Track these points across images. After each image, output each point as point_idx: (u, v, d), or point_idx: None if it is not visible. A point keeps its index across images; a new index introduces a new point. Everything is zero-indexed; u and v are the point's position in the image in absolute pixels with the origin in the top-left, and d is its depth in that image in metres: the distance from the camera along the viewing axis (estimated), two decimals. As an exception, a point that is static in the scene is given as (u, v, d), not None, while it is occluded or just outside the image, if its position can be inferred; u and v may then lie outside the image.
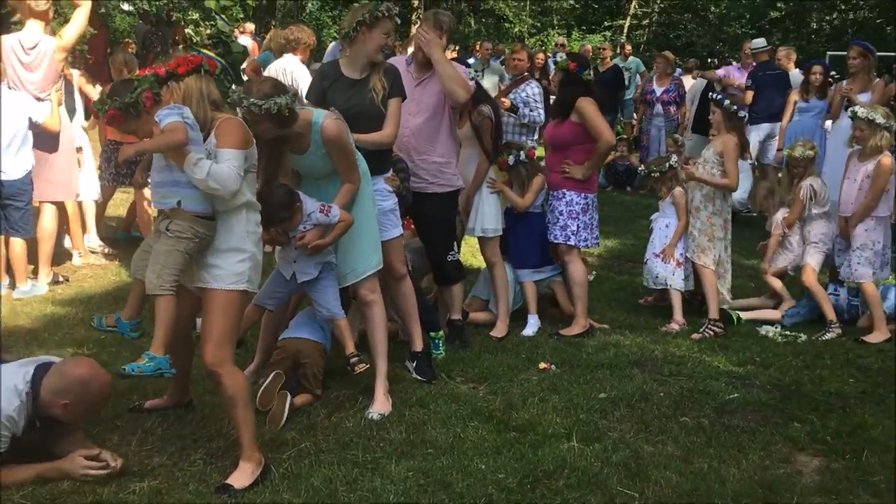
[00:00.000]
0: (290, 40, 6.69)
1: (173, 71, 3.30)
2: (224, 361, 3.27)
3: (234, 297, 3.30)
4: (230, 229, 3.30)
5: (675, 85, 11.11)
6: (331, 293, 4.07)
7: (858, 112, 5.46)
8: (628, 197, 10.83)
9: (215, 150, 3.23)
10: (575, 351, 4.99)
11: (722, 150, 5.48)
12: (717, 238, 5.56)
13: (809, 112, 8.51)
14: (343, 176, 3.94)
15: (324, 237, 3.90)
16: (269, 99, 3.53)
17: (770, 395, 4.40)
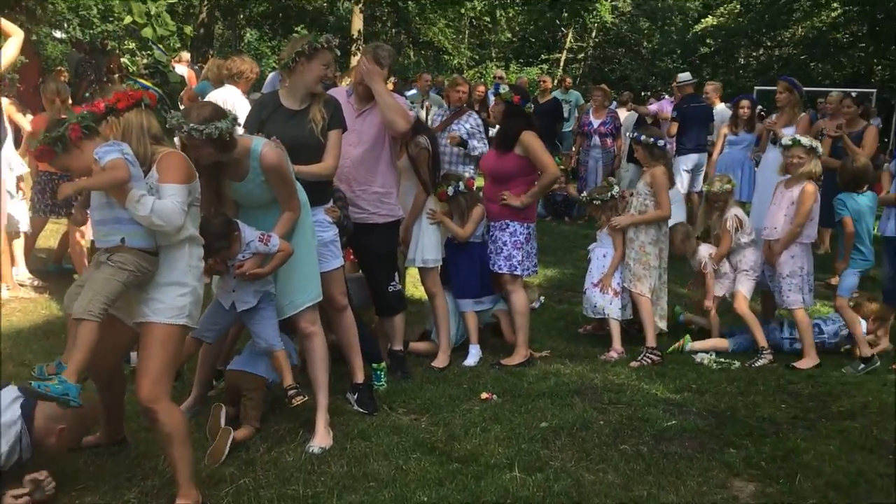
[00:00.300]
0: (233, 72, 6.61)
1: (113, 106, 3.25)
2: (160, 398, 3.19)
3: (173, 331, 3.23)
4: (172, 263, 3.25)
5: (612, 117, 11.37)
6: (269, 324, 4.02)
7: (802, 139, 5.63)
8: (567, 227, 10.99)
9: (157, 186, 3.18)
10: (516, 380, 5.01)
11: (651, 182, 5.62)
12: (653, 267, 5.67)
13: (738, 145, 8.82)
14: (283, 204, 3.91)
15: (263, 266, 3.86)
16: (210, 123, 3.50)
17: (706, 422, 4.48)
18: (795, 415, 4.66)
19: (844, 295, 5.65)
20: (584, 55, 33.55)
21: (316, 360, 4.11)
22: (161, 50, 7.16)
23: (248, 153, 3.76)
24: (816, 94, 16.28)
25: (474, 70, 29.93)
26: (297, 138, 4.12)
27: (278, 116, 4.25)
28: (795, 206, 5.53)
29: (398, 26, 27.79)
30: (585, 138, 11.35)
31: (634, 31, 33.88)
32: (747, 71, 29.46)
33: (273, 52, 27.77)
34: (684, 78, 10.65)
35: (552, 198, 11.47)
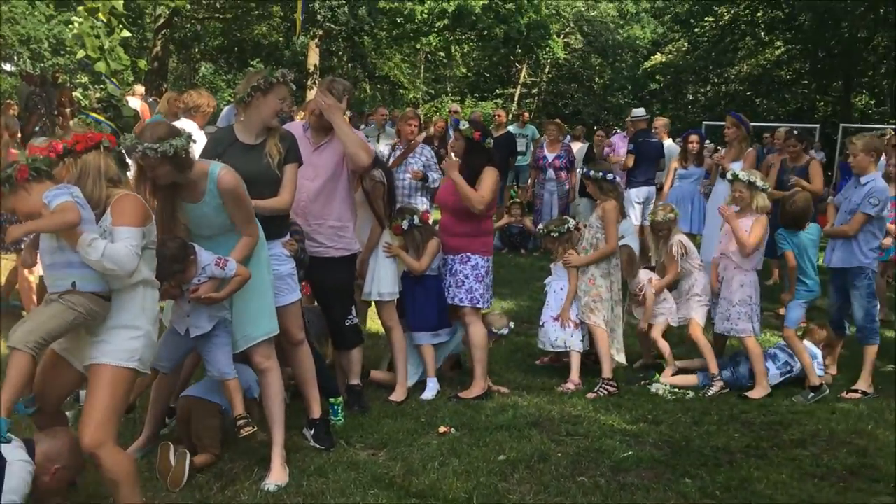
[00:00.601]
0: (189, 106, 6.58)
1: (71, 148, 3.21)
2: (105, 442, 3.11)
3: (122, 374, 3.17)
4: (123, 306, 3.20)
5: (566, 151, 11.54)
6: (222, 352, 3.96)
7: (740, 175, 5.75)
8: (523, 259, 11.07)
9: (111, 228, 3.14)
10: (474, 413, 5.01)
11: (602, 216, 5.72)
12: (604, 299, 5.73)
13: (688, 178, 9.02)
14: (241, 228, 3.88)
15: (219, 291, 3.81)
16: (165, 141, 3.47)
17: (662, 452, 4.53)
18: (748, 444, 4.73)
19: (791, 326, 5.78)
20: (537, 90, 34.09)
21: (271, 396, 4.07)
22: (114, 84, 7.10)
23: (206, 175, 3.74)
24: (762, 129, 16.75)
25: (430, 104, 30.20)
26: (254, 172, 4.11)
27: (234, 151, 4.23)
28: (752, 230, 5.63)
29: (354, 61, 27.96)
30: (540, 172, 11.49)
31: (586, 67, 34.56)
32: (696, 106, 30.23)
33: (228, 85, 27.69)
34: (639, 113, 10.90)
35: (508, 230, 11.58)
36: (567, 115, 29.06)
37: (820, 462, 4.46)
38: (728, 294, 5.71)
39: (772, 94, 28.55)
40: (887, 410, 5.33)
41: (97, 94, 6.85)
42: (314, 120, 4.82)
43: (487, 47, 30.86)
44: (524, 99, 32.92)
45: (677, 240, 5.98)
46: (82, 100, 6.80)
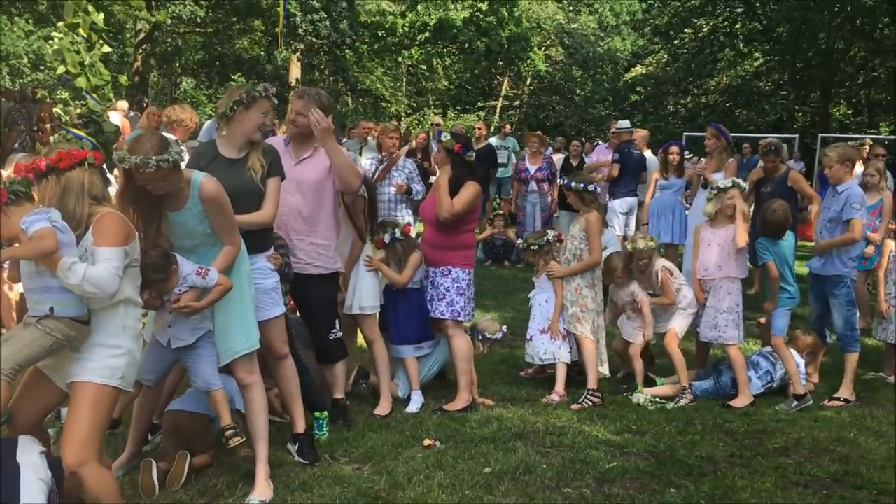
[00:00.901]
0: (171, 119, 6.59)
1: (54, 165, 3.18)
2: (88, 461, 3.08)
3: (104, 392, 3.14)
4: (102, 324, 3.18)
5: (548, 163, 11.59)
6: (206, 362, 3.93)
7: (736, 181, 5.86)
8: (506, 271, 11.09)
9: (92, 249, 3.12)
10: (459, 426, 5.00)
11: (585, 227, 5.75)
12: (590, 309, 5.76)
13: (669, 189, 9.09)
14: (223, 237, 3.86)
15: (200, 301, 3.80)
16: (168, 152, 3.47)
17: (647, 462, 4.54)
18: (732, 453, 4.75)
19: (779, 334, 5.81)
20: (519, 102, 34.26)
21: (255, 411, 4.05)
22: (95, 99, 7.07)
23: (189, 183, 3.73)
24: (741, 140, 16.91)
25: (412, 117, 30.26)
26: (237, 186, 4.09)
27: (217, 165, 4.22)
28: (733, 242, 5.70)
29: (336, 74, 27.98)
30: (522, 184, 11.53)
31: (568, 80, 34.80)
32: (676, 118, 30.48)
33: (210, 100, 27.63)
34: (624, 125, 10.97)
35: (492, 242, 11.60)
36: (549, 126, 29.24)
37: (803, 470, 4.49)
38: (715, 302, 5.74)
39: (751, 104, 28.84)
40: (869, 418, 5.37)
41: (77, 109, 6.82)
42: (295, 132, 4.82)
43: (469, 60, 31.02)
44: (506, 111, 33.07)
45: (661, 265, 5.97)
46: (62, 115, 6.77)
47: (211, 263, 3.82)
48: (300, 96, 4.81)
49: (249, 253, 4.10)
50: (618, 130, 10.92)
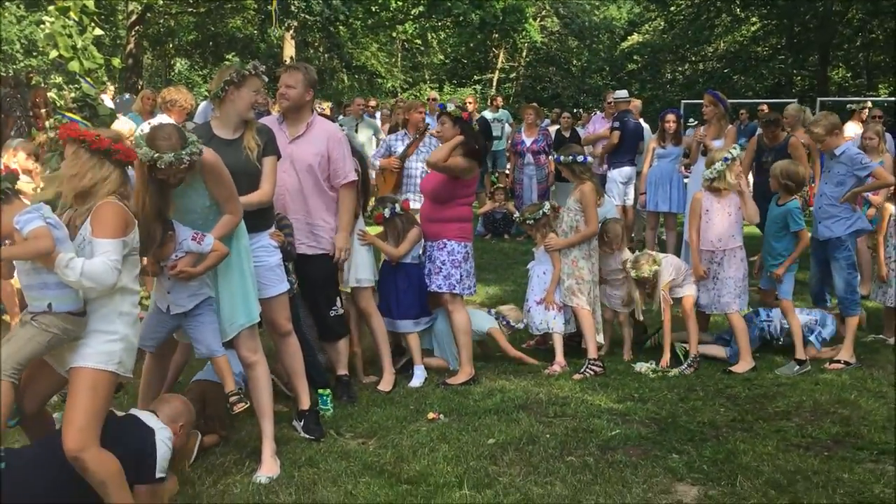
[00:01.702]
0: (166, 100, 6.58)
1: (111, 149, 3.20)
2: (88, 446, 3.10)
3: (101, 377, 3.16)
4: (98, 310, 3.20)
5: (543, 135, 11.55)
6: (208, 329, 3.95)
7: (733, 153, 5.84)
8: (506, 244, 11.10)
9: (91, 240, 3.12)
10: (462, 399, 5.04)
11: (580, 198, 5.74)
12: (586, 280, 5.77)
13: (667, 158, 9.06)
14: (224, 207, 3.87)
15: (196, 267, 3.81)
16: (191, 144, 3.51)
17: (649, 429, 4.58)
18: (734, 417, 4.79)
19: (787, 297, 5.83)
20: (515, 75, 34.03)
21: (260, 389, 4.08)
22: (89, 83, 7.04)
23: None
24: (740, 106, 16.82)
25: (408, 93, 30.08)
26: (234, 166, 4.09)
27: (213, 146, 4.20)
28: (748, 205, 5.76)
29: (330, 51, 27.82)
30: (519, 157, 11.51)
31: (564, 50, 34.54)
32: (674, 86, 30.29)
33: (204, 80, 27.48)
34: (621, 95, 10.91)
35: (492, 216, 11.60)
36: (546, 98, 29.05)
37: (804, 432, 4.53)
38: (732, 272, 5.76)
39: (749, 70, 28.64)
40: (869, 380, 5.41)
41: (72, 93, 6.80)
42: (287, 106, 4.82)
43: (464, 33, 30.72)
44: (503, 84, 32.86)
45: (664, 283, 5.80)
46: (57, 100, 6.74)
47: (212, 231, 3.85)
48: (286, 70, 4.82)
49: (252, 231, 4.13)
50: (616, 100, 10.88)
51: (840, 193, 5.85)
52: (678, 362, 5.73)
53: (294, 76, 4.75)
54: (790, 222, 5.70)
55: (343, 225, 4.92)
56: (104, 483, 3.13)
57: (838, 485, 3.85)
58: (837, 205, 5.84)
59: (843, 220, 5.85)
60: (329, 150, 4.81)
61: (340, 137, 4.93)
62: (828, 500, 3.70)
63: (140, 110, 7.73)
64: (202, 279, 3.88)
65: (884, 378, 5.45)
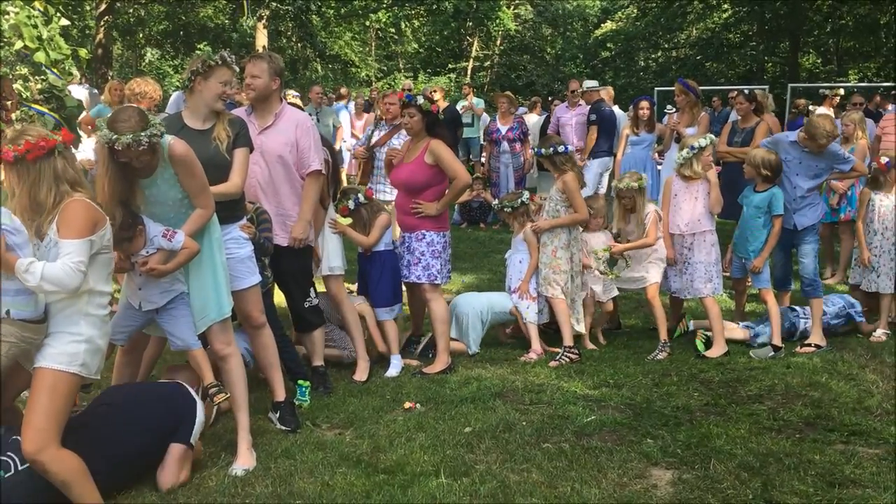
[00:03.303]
0: (135, 93, 6.50)
1: (22, 156, 3.11)
2: (47, 447, 3.05)
3: (63, 378, 3.11)
4: (61, 311, 3.15)
5: (518, 123, 11.56)
6: (183, 323, 3.93)
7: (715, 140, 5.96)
8: (482, 233, 11.11)
9: (56, 241, 3.07)
10: (439, 388, 5.05)
11: (563, 188, 5.76)
12: (563, 271, 5.78)
13: (640, 145, 9.11)
14: (195, 200, 3.83)
15: (167, 264, 3.77)
16: (148, 129, 3.42)
17: (624, 415, 4.61)
18: (707, 402, 4.84)
19: (766, 286, 5.90)
20: (490, 63, 33.99)
21: (235, 381, 4.05)
22: (56, 74, 6.94)
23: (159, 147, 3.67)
24: (712, 93, 16.93)
25: (383, 81, 29.95)
26: (204, 157, 4.04)
27: (183, 137, 4.16)
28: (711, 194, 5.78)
29: (303, 41, 27.58)
30: (494, 145, 11.51)
31: (538, 38, 34.55)
32: (647, 73, 30.41)
33: (176, 71, 27.19)
34: (593, 84, 10.94)
35: (468, 205, 11.61)
36: (521, 86, 29.06)
37: (777, 415, 4.58)
38: (702, 256, 5.81)
39: (721, 57, 28.82)
40: (840, 362, 5.48)
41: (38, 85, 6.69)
42: (253, 97, 4.78)
43: (437, 21, 30.69)
44: (477, 72, 32.80)
45: (653, 209, 6.00)
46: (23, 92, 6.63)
47: (183, 227, 3.81)
48: (251, 60, 4.77)
49: (222, 223, 4.09)
50: (589, 90, 10.88)
51: (815, 185, 5.91)
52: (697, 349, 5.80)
53: (258, 66, 4.70)
54: (774, 206, 5.76)
55: (302, 214, 4.83)
56: (66, 483, 3.10)
57: (809, 466, 3.91)
58: (808, 195, 5.87)
59: (817, 207, 5.97)
60: (297, 139, 4.77)
61: (309, 126, 4.88)
62: (799, 481, 3.75)
63: (108, 101, 7.63)
64: (174, 275, 3.85)
65: (854, 360, 5.53)
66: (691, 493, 3.67)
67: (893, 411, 4.62)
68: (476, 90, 18.65)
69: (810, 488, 3.68)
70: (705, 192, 5.78)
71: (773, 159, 5.81)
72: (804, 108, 13.98)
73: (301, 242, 4.82)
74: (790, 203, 5.89)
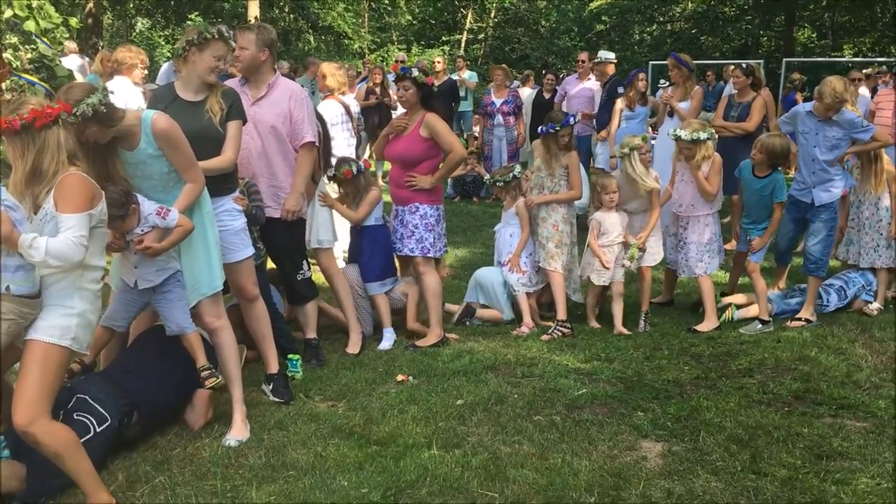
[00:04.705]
0: (120, 62, 6.45)
1: (29, 124, 3.07)
2: (37, 419, 3.05)
3: (54, 351, 3.10)
4: (55, 284, 3.13)
5: (513, 96, 11.50)
6: (177, 306, 3.93)
7: (682, 136, 5.76)
8: (475, 207, 11.10)
9: (54, 214, 3.05)
10: (431, 361, 5.07)
11: (567, 164, 5.77)
12: (565, 244, 5.82)
13: (635, 119, 9.05)
14: (184, 175, 3.79)
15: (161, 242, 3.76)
16: (81, 103, 3.32)
17: (615, 388, 4.65)
18: (697, 375, 4.87)
19: (759, 261, 5.91)
20: (484, 35, 33.73)
21: (226, 354, 4.07)
22: (46, 43, 6.85)
23: (140, 121, 3.64)
24: (707, 67, 16.85)
25: (376, 54, 29.71)
26: (196, 130, 4.03)
27: (175, 108, 4.15)
28: (709, 178, 5.76)
29: (296, 12, 27.31)
30: (488, 118, 11.46)
31: (532, 11, 34.22)
32: (642, 46, 30.23)
33: (167, 41, 26.89)
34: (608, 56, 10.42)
35: (462, 179, 11.58)
36: (515, 59, 28.86)
37: (766, 389, 4.62)
38: (696, 237, 5.83)
39: (716, 30, 28.66)
40: (830, 336, 5.52)
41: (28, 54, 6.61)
42: (241, 68, 4.75)
43: (431, -7, 30.39)
44: (471, 45, 32.56)
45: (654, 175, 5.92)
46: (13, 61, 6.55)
47: (174, 203, 3.79)
48: (239, 31, 4.70)
49: (215, 195, 4.08)
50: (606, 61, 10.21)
51: (834, 157, 5.74)
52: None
53: (246, 37, 4.64)
54: (777, 193, 5.71)
55: (295, 186, 4.81)
56: (58, 454, 3.11)
57: (798, 439, 3.95)
58: (830, 169, 5.73)
59: (838, 184, 5.80)
60: (290, 110, 4.74)
61: (302, 97, 4.85)
62: (787, 453, 3.80)
63: (99, 72, 7.56)
64: (168, 253, 3.84)
65: (843, 335, 5.57)
66: (681, 464, 3.71)
67: (882, 385, 4.66)
68: (470, 63, 18.53)
69: (798, 460, 3.72)
70: (704, 175, 5.78)
71: (782, 145, 5.70)
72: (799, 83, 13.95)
73: (294, 215, 4.81)
74: (810, 177, 5.77)
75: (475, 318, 5.93)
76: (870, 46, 26.27)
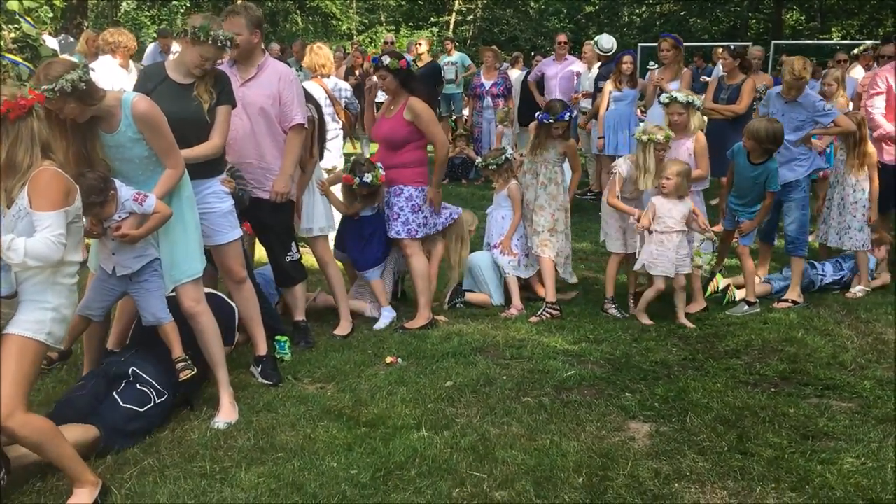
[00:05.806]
0: (108, 43, 6.39)
1: (4, 116, 3.02)
2: (13, 412, 3.01)
3: (28, 345, 3.06)
4: (29, 279, 3.08)
5: (503, 78, 11.47)
6: (154, 296, 3.87)
7: (678, 97, 5.78)
8: (464, 188, 11.08)
9: (28, 211, 3.00)
10: (420, 343, 5.08)
11: (565, 151, 5.81)
12: (559, 231, 5.83)
13: (623, 101, 9.05)
14: (164, 159, 3.74)
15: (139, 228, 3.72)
16: (60, 79, 3.26)
17: (603, 370, 4.67)
18: (685, 357, 4.90)
19: (749, 244, 5.92)
20: (473, 17, 33.56)
21: (208, 339, 4.03)
22: (29, 23, 6.76)
23: (120, 103, 3.59)
24: (695, 49, 16.84)
25: (364, 35, 29.54)
26: (184, 114, 4.00)
27: (165, 89, 4.11)
28: (694, 157, 5.78)
29: (283, -8, 27.12)
30: (478, 100, 11.42)
31: (521, -8, 34.06)
32: (631, 28, 30.15)
33: (153, 21, 26.65)
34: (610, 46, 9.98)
35: (451, 161, 11.54)
36: (503, 41, 28.74)
37: (753, 370, 4.66)
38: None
39: (705, 12, 28.64)
40: (816, 318, 5.56)
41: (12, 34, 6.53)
42: (238, 55, 4.69)
43: (420, -27, 30.16)
44: (459, 26, 32.40)
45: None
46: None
47: (153, 188, 3.74)
48: (226, 17, 4.63)
49: (203, 177, 4.06)
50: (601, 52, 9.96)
51: (797, 138, 5.90)
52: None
53: (236, 22, 4.56)
54: (770, 182, 5.69)
55: (284, 168, 4.77)
56: (39, 444, 3.09)
57: (784, 419, 3.98)
58: (794, 148, 5.88)
59: (803, 162, 5.94)
60: (280, 91, 4.70)
61: (292, 79, 4.81)
62: (773, 433, 3.83)
63: (84, 52, 7.49)
64: (146, 240, 3.78)
65: (829, 316, 5.61)
66: (668, 445, 3.74)
67: (867, 366, 4.70)
68: (458, 45, 18.42)
69: (784, 440, 3.76)
70: (688, 151, 5.79)
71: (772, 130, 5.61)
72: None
73: (282, 197, 4.78)
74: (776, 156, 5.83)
75: (463, 300, 5.91)
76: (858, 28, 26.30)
